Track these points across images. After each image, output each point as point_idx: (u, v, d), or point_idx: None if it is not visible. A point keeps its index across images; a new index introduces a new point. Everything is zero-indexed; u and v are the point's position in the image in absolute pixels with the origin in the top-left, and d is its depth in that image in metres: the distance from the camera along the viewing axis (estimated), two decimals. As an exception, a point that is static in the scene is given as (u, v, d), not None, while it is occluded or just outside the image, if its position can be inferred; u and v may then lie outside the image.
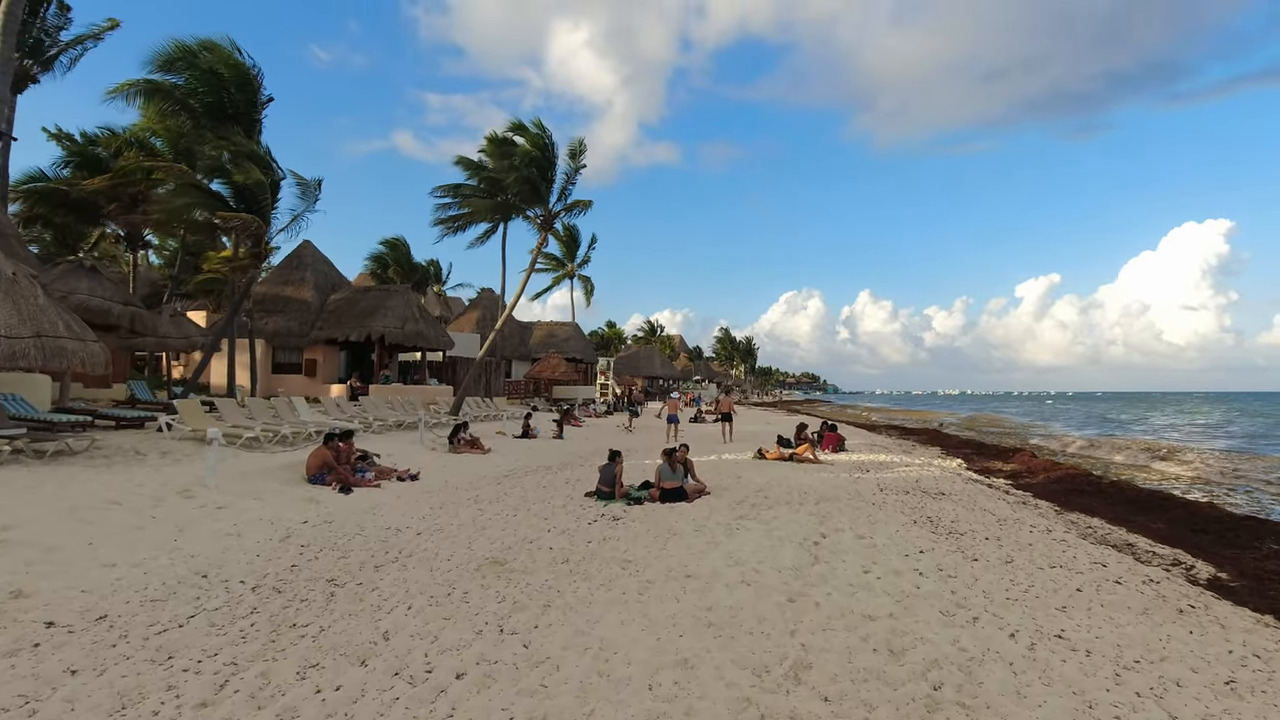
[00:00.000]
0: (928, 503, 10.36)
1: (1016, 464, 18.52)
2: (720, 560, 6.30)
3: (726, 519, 8.42)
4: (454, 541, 7.15)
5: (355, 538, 7.29)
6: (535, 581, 5.60)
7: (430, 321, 27.04)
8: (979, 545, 7.55)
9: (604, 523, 8.25)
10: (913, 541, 7.55)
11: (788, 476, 12.79)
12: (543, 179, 21.15)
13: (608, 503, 9.60)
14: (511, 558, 6.42)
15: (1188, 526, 10.32)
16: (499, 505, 9.44)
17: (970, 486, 12.75)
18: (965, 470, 16.22)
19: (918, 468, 15.47)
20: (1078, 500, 12.25)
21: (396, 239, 40.03)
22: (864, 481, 12.57)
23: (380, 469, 11.69)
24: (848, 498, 10.51)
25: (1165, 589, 6.22)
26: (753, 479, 12.34)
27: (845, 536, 7.64)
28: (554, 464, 14.87)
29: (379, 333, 24.46)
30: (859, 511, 9.30)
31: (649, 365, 73.52)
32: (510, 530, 7.77)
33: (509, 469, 13.79)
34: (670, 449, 10.03)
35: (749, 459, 15.98)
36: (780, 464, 15.08)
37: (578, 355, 42.67)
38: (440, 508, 9.22)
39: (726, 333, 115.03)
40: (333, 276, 28.26)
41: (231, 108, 15.66)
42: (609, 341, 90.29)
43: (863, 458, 17.29)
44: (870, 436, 27.20)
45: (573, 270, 51.89)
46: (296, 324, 25.51)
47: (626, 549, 6.74)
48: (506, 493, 10.62)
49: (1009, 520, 9.20)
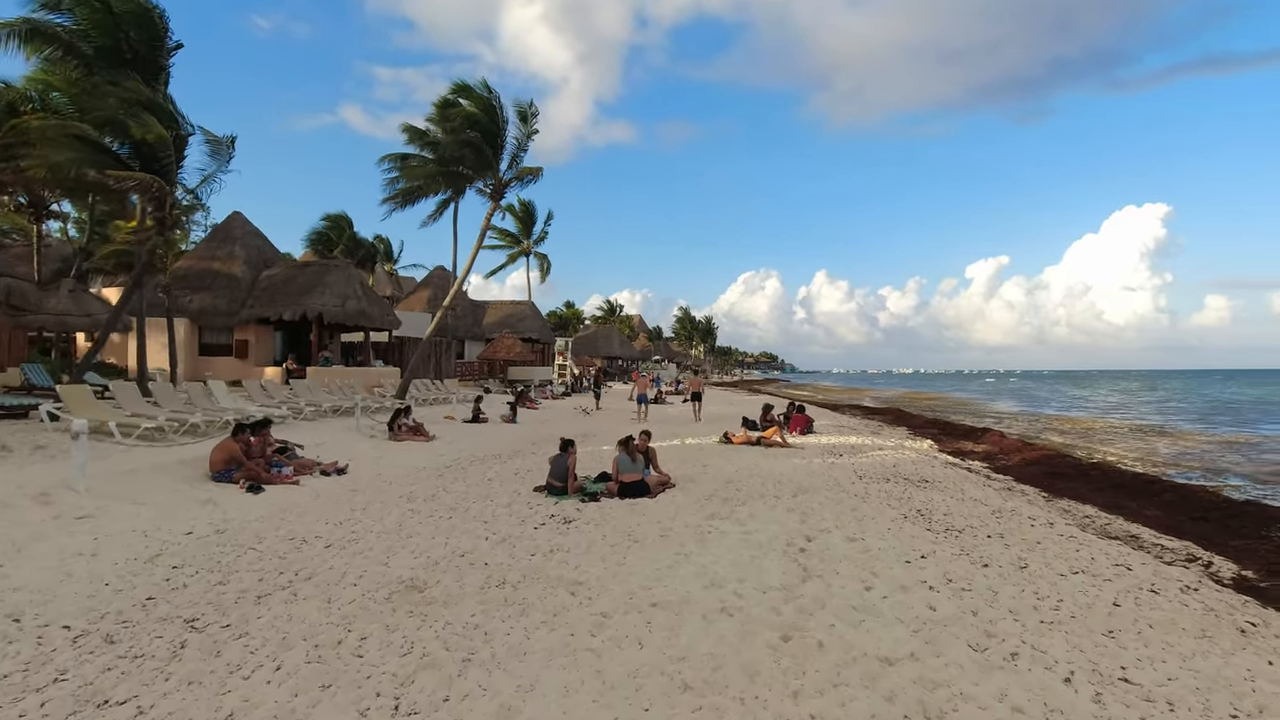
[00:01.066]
0: (913, 492, 9.43)
1: (988, 445, 17.94)
2: (693, 579, 5.16)
3: (696, 519, 7.31)
4: (368, 557, 5.87)
5: (247, 553, 5.95)
6: (459, 618, 4.37)
7: (375, 299, 25.27)
8: (983, 545, 6.60)
9: (553, 526, 7.05)
10: (910, 543, 6.56)
11: (758, 464, 11.77)
12: (491, 145, 19.53)
13: (559, 500, 8.40)
14: (435, 580, 5.18)
15: (1184, 513, 9.64)
16: (433, 505, 8.15)
17: (951, 472, 11.94)
18: (939, 453, 15.49)
19: (891, 451, 14.65)
20: (1062, 485, 11.54)
21: (339, 215, 37.76)
22: (840, 468, 11.63)
23: (302, 462, 10.25)
24: (827, 488, 9.52)
25: (1208, 598, 5.33)
26: (721, 468, 11.28)
27: (834, 539, 6.60)
28: (504, 452, 13.59)
29: (316, 311, 22.62)
30: (842, 505, 8.30)
31: (608, 345, 72.24)
32: (441, 539, 6.51)
33: (453, 459, 12.46)
34: (627, 437, 8.85)
35: (714, 443, 14.95)
36: (747, 449, 14.08)
37: (534, 335, 41.10)
38: (364, 509, 7.89)
39: (686, 312, 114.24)
40: (266, 251, 26.15)
41: (130, 52, 13.68)
42: (567, 322, 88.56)
43: (833, 440, 16.44)
44: (836, 417, 26.55)
45: (529, 248, 50.05)
46: (225, 302, 23.46)
47: (578, 564, 5.55)
48: (446, 488, 9.33)
49: (1004, 512, 8.32)
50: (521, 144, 20.14)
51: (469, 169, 19.94)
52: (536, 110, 19.95)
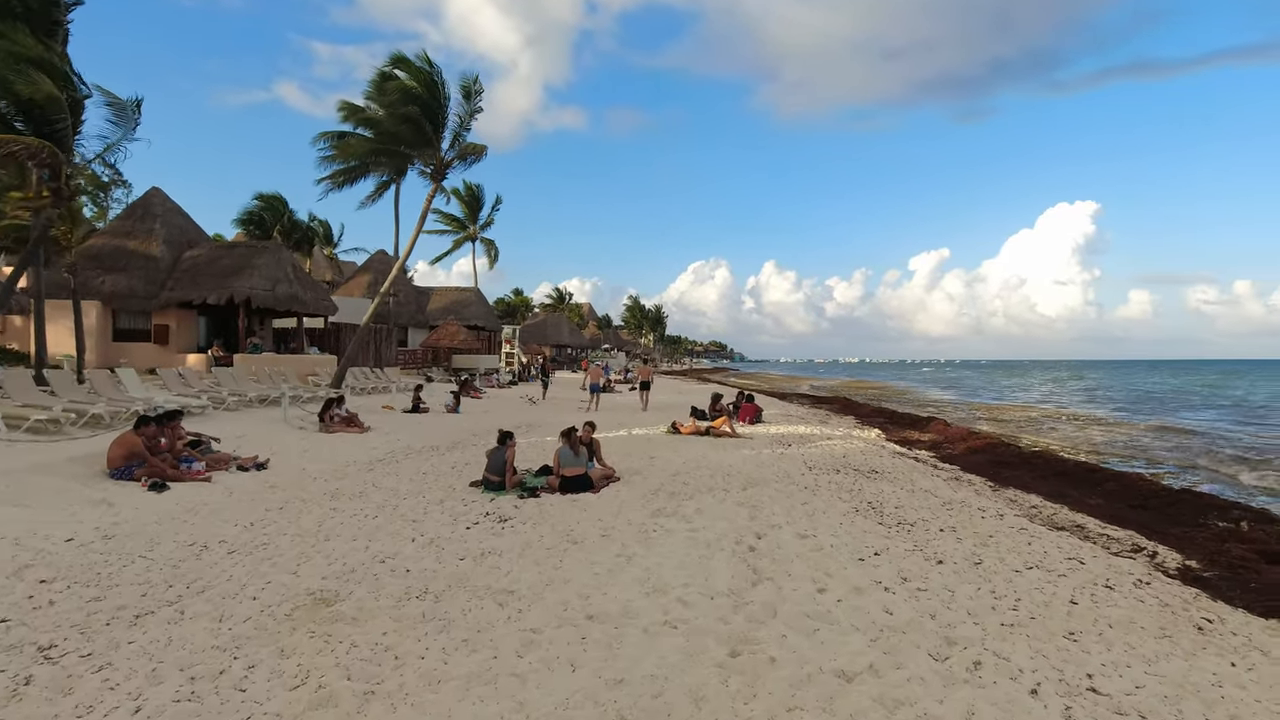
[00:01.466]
0: (863, 484, 9.25)
1: (934, 433, 18.12)
2: (635, 585, 4.75)
3: (641, 516, 6.90)
4: (276, 564, 5.26)
5: (135, 563, 5.26)
6: (367, 637, 3.85)
7: (309, 283, 24.01)
8: (936, 539, 6.40)
9: (487, 526, 6.54)
10: (863, 539, 6.30)
11: (706, 455, 11.46)
12: (431, 122, 18.59)
13: (496, 496, 7.87)
14: (347, 591, 4.63)
15: (1125, 501, 9.75)
16: (359, 503, 7.53)
17: (899, 462, 11.86)
18: (886, 442, 15.51)
19: (840, 440, 14.57)
20: (1007, 474, 11.59)
21: (274, 194, 35.85)
22: (789, 459, 11.42)
23: (216, 457, 9.45)
24: (776, 480, 9.25)
25: (1161, 592, 5.21)
26: (668, 459, 10.91)
27: (785, 535, 6.28)
28: (443, 443, 12.94)
29: (244, 294, 21.30)
30: (793, 499, 8.02)
31: (557, 333, 71.33)
32: (362, 542, 5.93)
33: (387, 451, 11.76)
34: (569, 429, 8.36)
35: (662, 433, 14.60)
36: (696, 439, 13.77)
37: (480, 323, 40.02)
38: (280, 509, 7.22)
39: (636, 301, 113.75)
40: (189, 230, 24.50)
41: (20, 6, 12.36)
42: (516, 309, 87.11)
43: (781, 430, 16.29)
44: (784, 406, 26.59)
45: (475, 233, 48.78)
46: (142, 284, 21.87)
47: (510, 570, 5.07)
48: (375, 484, 8.69)
49: (955, 504, 8.18)
50: (464, 122, 19.28)
51: (408, 146, 18.96)
52: (481, 87, 19.12)
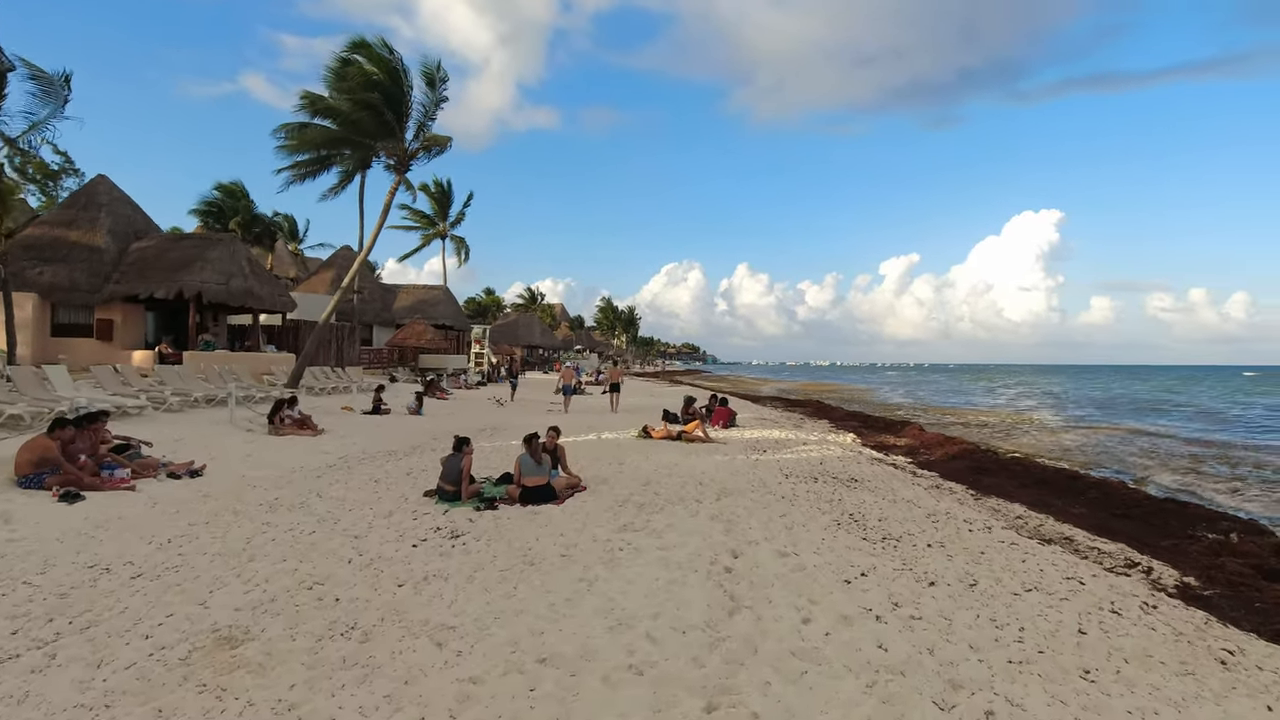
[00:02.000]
0: (843, 493, 8.78)
1: (909, 439, 17.82)
2: (596, 617, 4.16)
3: (606, 531, 6.31)
4: (185, 592, 4.57)
5: (17, 589, 4.54)
6: (269, 692, 3.21)
7: (265, 278, 22.97)
8: (925, 557, 5.92)
9: (436, 543, 5.90)
10: (847, 556, 5.80)
11: (678, 462, 10.91)
12: (394, 110, 17.79)
13: (451, 507, 7.22)
14: (260, 628, 3.97)
15: (1109, 510, 9.43)
16: (298, 516, 6.82)
17: (878, 469, 11.45)
18: (862, 447, 15.13)
19: (816, 446, 14.14)
20: (987, 481, 11.25)
21: (234, 184, 34.55)
22: (765, 466, 10.93)
23: (144, 463, 8.64)
24: (752, 489, 8.74)
25: (1170, 617, 4.79)
26: (638, 466, 10.34)
27: (763, 553, 5.75)
28: (401, 448, 12.22)
29: (195, 289, 20.23)
30: (770, 510, 7.51)
31: (528, 334, 70.39)
32: (292, 563, 5.26)
33: (340, 456, 11.02)
34: (532, 435, 7.74)
35: (632, 438, 14.02)
36: (668, 444, 13.23)
37: (448, 322, 39.04)
38: (208, 522, 6.50)
39: (609, 302, 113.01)
40: (138, 221, 23.29)
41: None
42: (487, 309, 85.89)
43: (756, 435, 15.83)
44: (757, 409, 26.20)
45: (445, 230, 47.73)
46: (85, 276, 20.66)
47: (454, 599, 4.45)
48: (321, 492, 7.98)
49: (940, 515, 7.74)
50: (429, 111, 18.52)
51: (369, 136, 18.13)
52: (445, 74, 18.37)
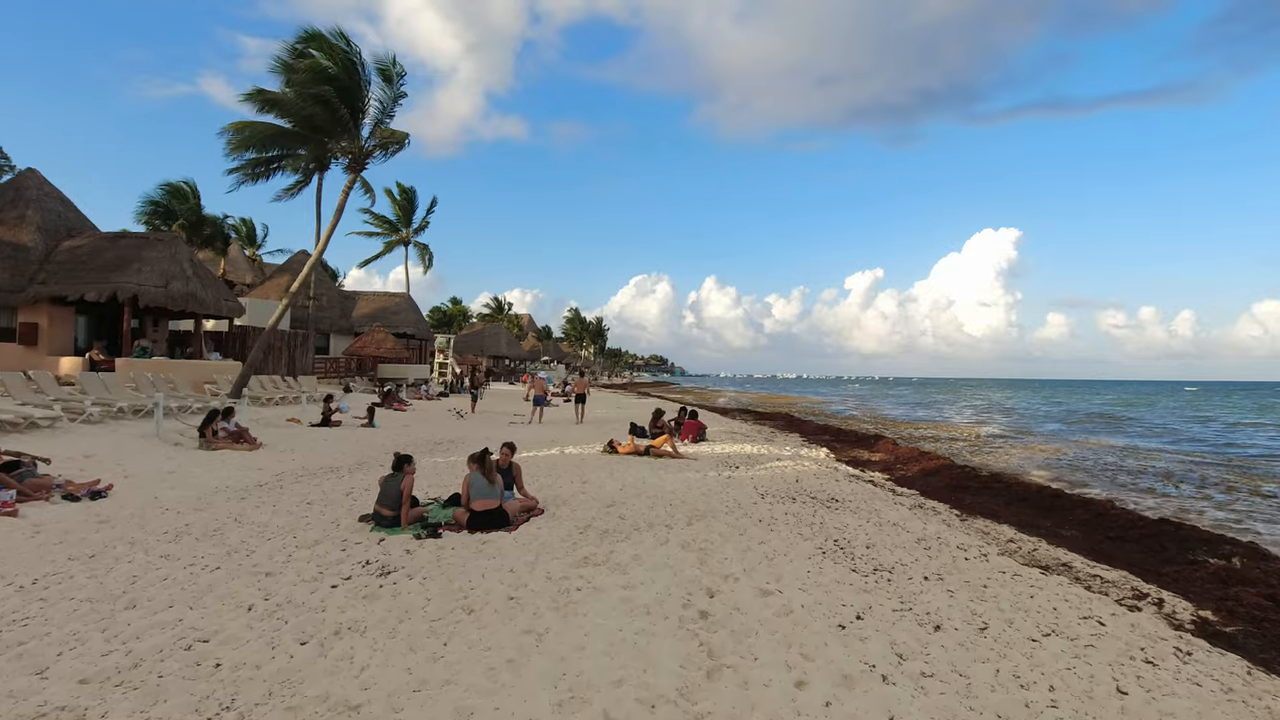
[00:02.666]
0: (824, 515, 8.10)
1: (883, 453, 17.35)
2: (544, 687, 3.34)
3: (563, 566, 5.49)
4: (25, 654, 3.62)
5: None
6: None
7: (209, 281, 21.64)
8: (925, 594, 5.24)
9: (361, 583, 5.02)
10: (837, 593, 5.09)
11: (646, 479, 10.13)
12: (349, 106, 16.82)
13: (388, 534, 6.33)
14: (105, 708, 3.08)
15: (1102, 533, 8.94)
16: (205, 547, 5.86)
17: (856, 486, 10.83)
18: (837, 463, 14.55)
19: (790, 461, 13.49)
20: (970, 500, 10.74)
21: (183, 183, 32.94)
22: (739, 483, 10.22)
23: (38, 483, 7.57)
24: (726, 511, 8.01)
25: (1211, 668, 4.17)
26: (603, 484, 9.54)
27: (744, 592, 5.00)
28: (346, 463, 11.23)
29: (130, 291, 18.87)
30: (748, 536, 6.78)
31: (495, 344, 69.07)
32: (178, 610, 4.35)
33: (275, 473, 10.01)
34: (482, 452, 6.87)
35: (597, 453, 13.21)
36: (635, 459, 12.45)
37: (409, 330, 37.73)
38: (91, 556, 5.51)
39: (576, 313, 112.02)
40: (70, 219, 21.77)
41: None
42: (453, 319, 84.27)
43: (727, 449, 15.15)
44: (727, 423, 25.57)
45: (408, 236, 46.39)
46: (7, 275, 19.11)
47: (366, 664, 3.58)
48: (241, 517, 7.01)
49: (930, 541, 7.10)
50: (386, 108, 17.56)
51: (322, 133, 17.11)
52: (402, 69, 17.46)
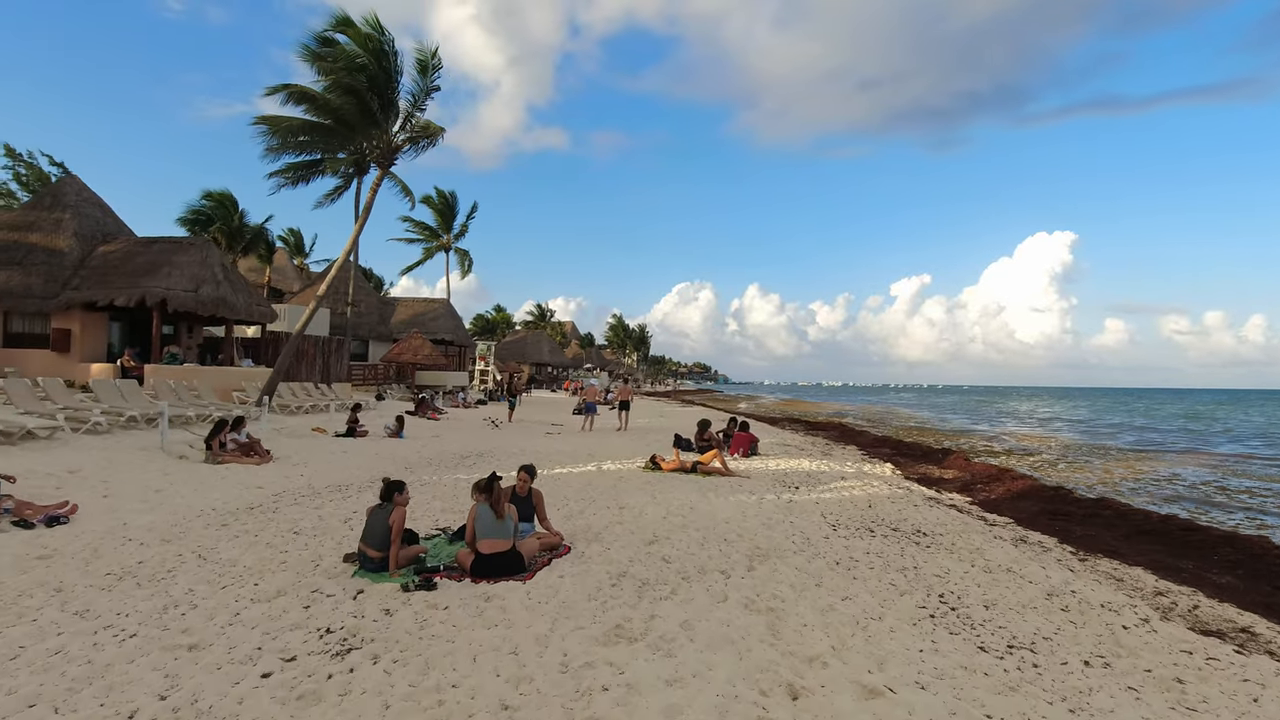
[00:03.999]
0: (914, 554, 6.57)
1: (955, 470, 15.55)
2: None
3: (586, 642, 4.08)
4: None
5: None
6: None
7: (240, 286, 21.09)
8: (1094, 691, 3.70)
9: (303, 669, 3.70)
10: (972, 691, 3.59)
11: (695, 504, 8.71)
12: (379, 97, 15.93)
13: (372, 580, 5.07)
14: None
15: (1268, 580, 7.13)
16: (139, 598, 4.65)
17: (940, 514, 9.20)
18: (907, 481, 12.86)
19: (855, 481, 11.89)
20: (1079, 531, 9.01)
21: (222, 193, 32.95)
22: (802, 509, 8.71)
23: (-7, 506, 6.57)
24: (794, 548, 6.54)
25: None
26: (643, 511, 8.14)
27: (840, 689, 3.54)
28: (358, 480, 10.12)
29: (159, 296, 18.36)
30: (827, 588, 5.31)
31: (536, 351, 68.41)
32: (41, 710, 3.14)
33: (275, 493, 8.92)
34: (488, 479, 5.48)
35: (639, 469, 11.84)
36: (680, 478, 11.04)
37: (448, 336, 37.07)
38: (7, 605, 4.39)
39: (619, 320, 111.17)
40: (108, 224, 21.53)
41: None
42: (496, 326, 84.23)
43: (781, 464, 13.60)
44: (777, 433, 23.93)
45: (448, 243, 45.98)
46: (41, 281, 18.86)
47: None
48: (206, 553, 5.85)
49: (1062, 595, 5.51)
50: (419, 101, 16.65)
51: (349, 125, 16.25)
52: (440, 61, 16.49)
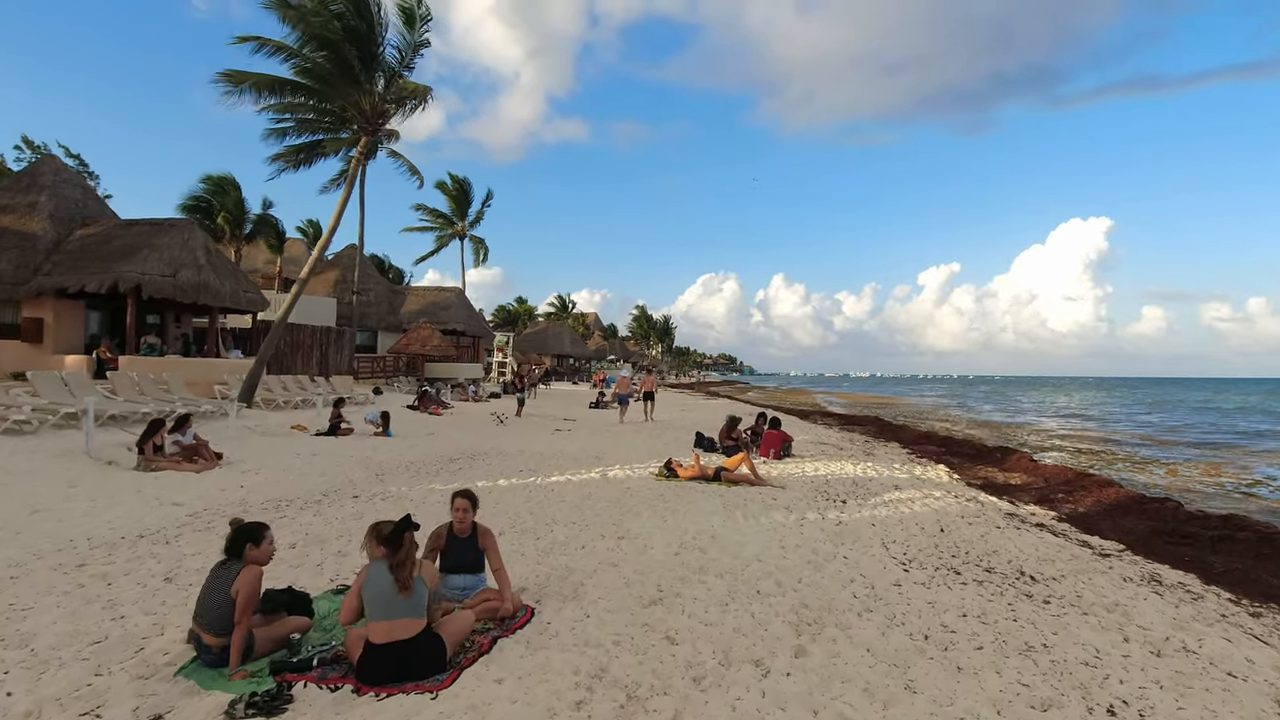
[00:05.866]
0: (1028, 614, 4.56)
1: (1022, 473, 13.38)
2: None
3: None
4: None
5: None
6: None
7: (227, 271, 19.53)
8: None
9: None
10: None
11: (717, 531, 6.74)
12: (359, 51, 14.08)
13: (206, 685, 3.21)
14: None
15: None
16: None
17: (1031, 539, 7.13)
18: (973, 489, 10.75)
19: (912, 491, 9.81)
20: (1222, 567, 6.87)
21: (223, 177, 31.57)
22: (855, 535, 6.70)
23: None
24: (859, 608, 4.57)
25: None
26: (648, 543, 6.19)
27: None
28: (312, 493, 8.35)
29: (133, 281, 16.83)
30: (925, 693, 3.33)
31: (558, 343, 66.83)
32: None
33: (197, 509, 7.20)
34: (396, 526, 3.53)
35: (650, 477, 9.92)
36: (700, 489, 9.09)
37: (459, 326, 35.38)
38: None
39: (643, 310, 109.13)
40: (89, 207, 20.08)
41: None
42: (517, 318, 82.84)
43: (820, 468, 11.58)
44: (810, 429, 21.79)
45: (463, 230, 44.38)
46: (11, 267, 17.47)
47: None
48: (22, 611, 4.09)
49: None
50: (405, 58, 14.79)
51: (327, 84, 14.45)
52: (429, 11, 14.60)
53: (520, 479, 9.67)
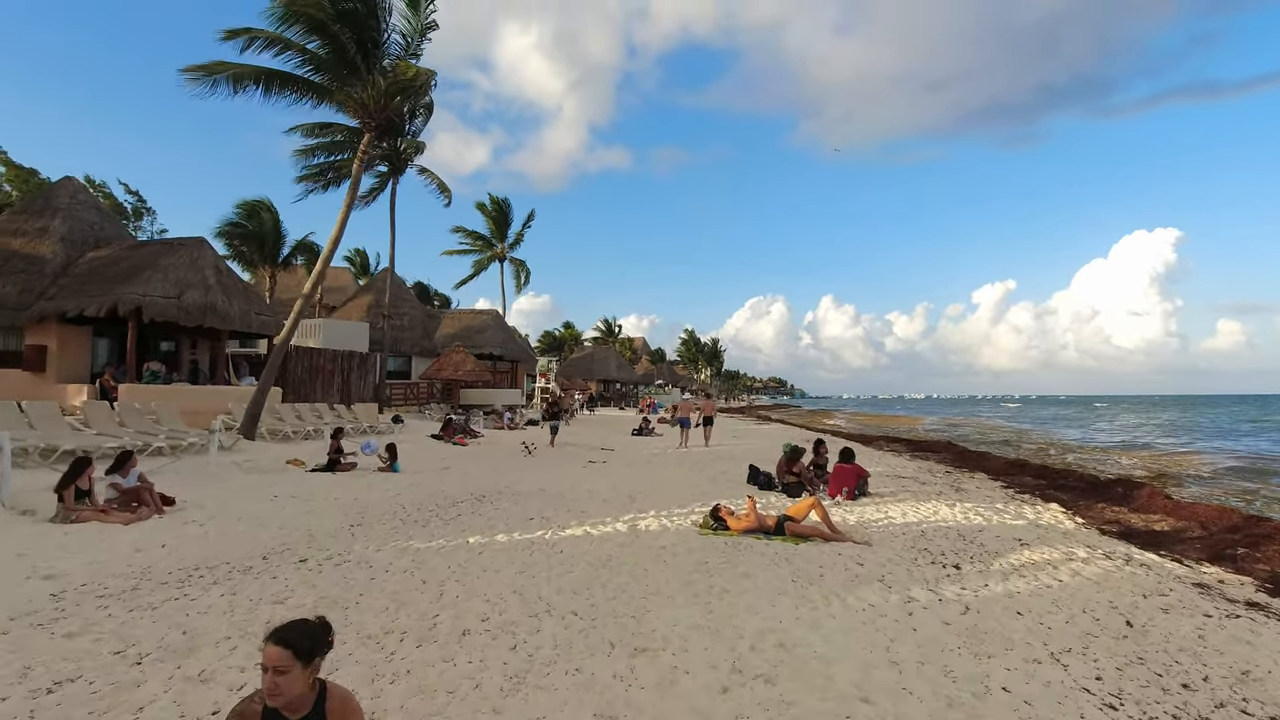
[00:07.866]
0: None
1: (1163, 515, 10.63)
2: None
3: None
4: None
5: None
6: None
7: (238, 293, 18.24)
8: None
9: None
10: None
11: (788, 633, 4.46)
12: (357, 35, 12.52)
13: None
14: None
15: None
16: None
17: (1249, 631, 4.63)
18: (1118, 543, 8.14)
19: (1043, 549, 7.32)
20: None
21: (259, 201, 30.96)
22: (997, 634, 4.34)
23: None
24: None
25: None
26: (676, 666, 3.98)
27: None
28: (250, 556, 6.44)
29: (133, 303, 15.60)
30: None
31: (604, 367, 65.06)
32: None
33: (90, 583, 5.33)
34: None
35: (692, 529, 7.70)
36: (758, 549, 6.82)
37: (496, 350, 33.79)
38: None
39: (691, 334, 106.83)
40: (105, 230, 19.19)
41: None
42: (564, 343, 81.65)
43: (908, 513, 9.16)
44: (877, 455, 19.13)
45: (503, 252, 43.15)
46: (15, 291, 16.51)
47: None
48: None
49: None
50: (411, 43, 13.21)
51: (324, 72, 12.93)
52: (435, -12, 12.96)
53: (525, 532, 7.58)
